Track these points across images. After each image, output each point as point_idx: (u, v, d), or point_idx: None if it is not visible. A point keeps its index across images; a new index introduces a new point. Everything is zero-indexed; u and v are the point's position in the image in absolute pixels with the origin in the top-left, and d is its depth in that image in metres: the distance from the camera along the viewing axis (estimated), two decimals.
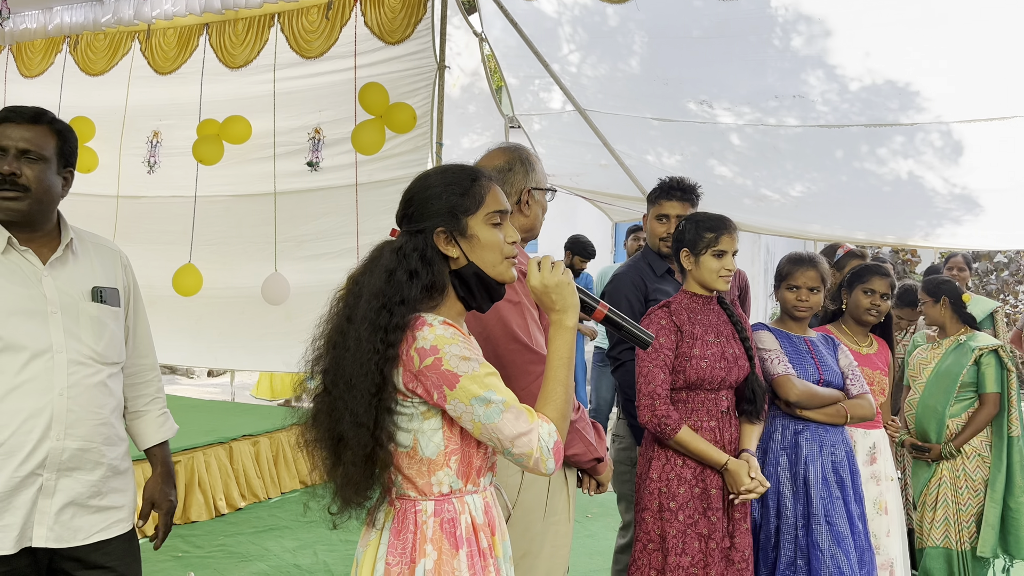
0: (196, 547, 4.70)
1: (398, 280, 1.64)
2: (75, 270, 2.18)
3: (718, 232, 2.78)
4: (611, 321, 1.82)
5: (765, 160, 5.19)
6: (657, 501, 2.74)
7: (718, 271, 2.78)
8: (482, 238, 1.70)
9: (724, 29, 4.19)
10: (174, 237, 5.77)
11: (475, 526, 1.69)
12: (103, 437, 2.18)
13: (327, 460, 1.68)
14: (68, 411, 2.09)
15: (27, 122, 2.09)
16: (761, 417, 2.84)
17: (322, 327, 1.73)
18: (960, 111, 4.27)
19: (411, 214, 1.72)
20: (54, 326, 2.09)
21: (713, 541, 2.70)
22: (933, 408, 3.97)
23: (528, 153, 2.49)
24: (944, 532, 3.90)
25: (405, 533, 1.65)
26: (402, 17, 4.92)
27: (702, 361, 2.74)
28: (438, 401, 1.60)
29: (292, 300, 5.42)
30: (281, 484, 5.82)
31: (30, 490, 2.05)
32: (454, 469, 1.66)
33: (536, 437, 1.59)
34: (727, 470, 2.69)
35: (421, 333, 1.60)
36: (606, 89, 5.15)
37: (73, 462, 2.11)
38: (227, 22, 5.49)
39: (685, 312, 2.82)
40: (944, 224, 5.17)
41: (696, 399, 2.77)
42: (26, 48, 6.12)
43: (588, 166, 6.26)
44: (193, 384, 10.90)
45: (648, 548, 2.73)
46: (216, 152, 5.38)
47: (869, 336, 3.57)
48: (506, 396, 1.61)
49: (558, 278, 1.70)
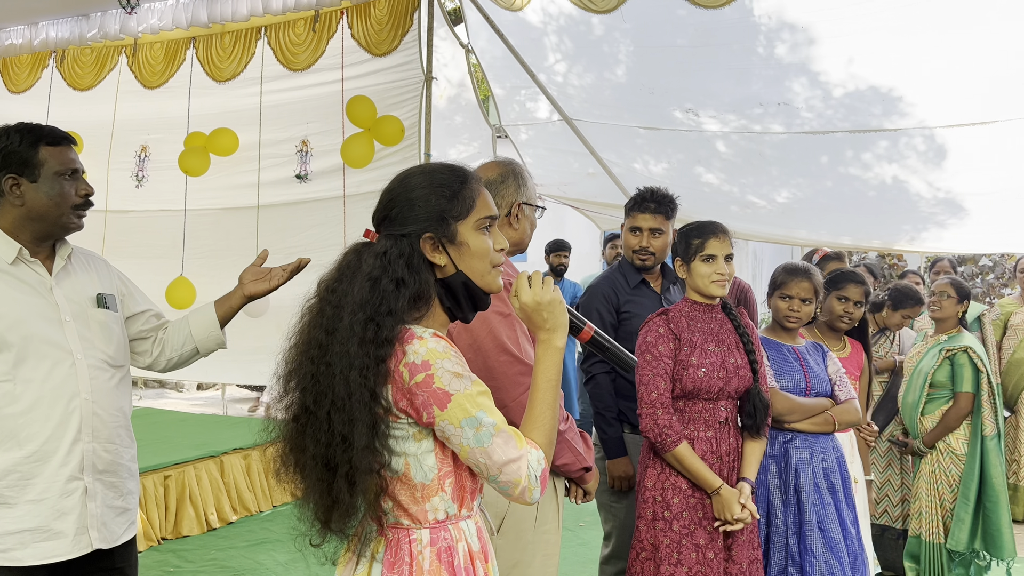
0: (188, 561, 4.67)
1: (384, 289, 1.49)
2: (77, 280, 2.28)
3: (704, 237, 2.75)
4: (596, 343, 1.74)
5: (751, 167, 5.23)
6: (651, 510, 2.70)
7: (709, 276, 2.73)
8: (472, 245, 1.57)
9: (709, 38, 4.23)
10: (163, 251, 5.77)
11: (471, 554, 1.58)
12: (121, 439, 2.28)
13: (308, 487, 1.53)
14: (94, 415, 2.18)
15: (73, 143, 2.25)
16: (762, 433, 2.76)
17: (293, 339, 1.58)
18: (943, 116, 4.31)
19: (393, 216, 1.57)
20: (70, 333, 2.18)
21: (711, 552, 2.65)
22: (909, 404, 4.16)
23: (521, 168, 2.50)
24: (919, 523, 4.09)
25: (400, 565, 1.52)
26: (388, 29, 4.94)
27: (699, 370, 2.68)
28: (428, 421, 1.47)
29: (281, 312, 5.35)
30: (273, 497, 5.79)
31: (75, 495, 2.14)
32: (449, 493, 1.54)
33: (526, 464, 1.48)
34: (719, 496, 2.63)
35: (411, 347, 1.47)
36: (592, 98, 5.18)
37: (103, 465, 2.21)
38: (214, 36, 5.50)
39: (684, 320, 2.77)
40: (929, 228, 5.22)
41: (693, 408, 2.72)
42: (12, 63, 6.11)
43: (576, 175, 6.28)
44: (183, 398, 10.85)
45: (641, 556, 2.71)
46: (202, 164, 5.37)
47: (843, 339, 3.60)
48: (496, 419, 1.49)
49: (550, 296, 1.58)
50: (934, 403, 4.10)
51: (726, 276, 2.74)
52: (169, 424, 6.44)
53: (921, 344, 4.31)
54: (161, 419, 6.70)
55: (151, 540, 4.85)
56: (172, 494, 5.05)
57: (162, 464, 5.06)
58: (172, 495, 5.05)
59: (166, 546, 4.89)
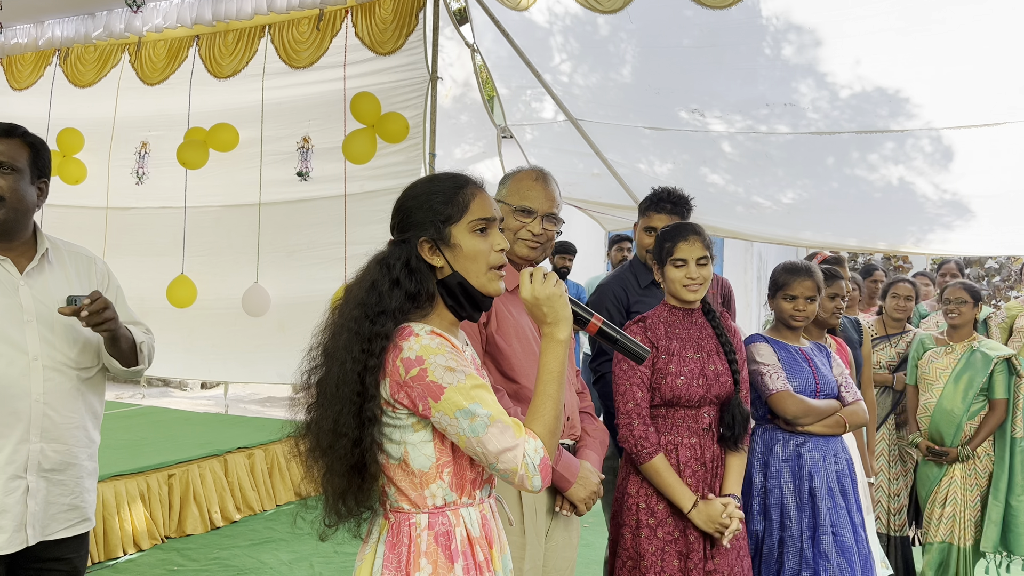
0: (191, 560, 4.67)
1: (379, 290, 1.63)
2: (51, 279, 2.25)
3: (674, 240, 2.68)
4: (605, 335, 1.77)
5: (757, 168, 5.20)
6: (635, 517, 2.66)
7: (680, 280, 2.67)
8: (465, 247, 1.67)
9: (715, 39, 4.21)
10: (163, 248, 5.77)
11: (471, 539, 1.66)
12: (77, 440, 2.27)
13: (318, 471, 1.67)
14: (44, 416, 2.17)
15: (2, 136, 2.17)
16: (741, 445, 2.70)
17: (318, 337, 1.71)
18: (950, 117, 4.29)
19: (399, 224, 1.72)
20: (30, 334, 2.17)
21: (691, 561, 2.59)
22: (950, 412, 4.13)
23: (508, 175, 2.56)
24: (950, 528, 4.08)
25: (400, 547, 1.63)
26: (393, 28, 4.93)
27: (678, 378, 2.63)
28: (423, 412, 1.58)
29: (284, 311, 5.40)
30: (276, 496, 5.79)
31: (16, 493, 2.14)
32: (447, 481, 1.64)
33: (521, 453, 1.56)
34: (697, 510, 2.56)
35: (407, 343, 1.59)
36: (598, 98, 5.16)
37: (50, 464, 2.21)
38: (218, 34, 5.50)
39: (662, 326, 2.72)
40: (935, 230, 5.19)
41: (676, 416, 2.67)
42: (16, 61, 6.12)
43: (580, 175, 6.26)
44: (186, 396, 10.86)
45: (627, 565, 2.67)
46: (200, 157, 5.36)
47: (826, 337, 3.56)
48: (492, 410, 1.57)
49: (550, 290, 1.66)
50: (972, 408, 4.12)
51: (697, 280, 2.67)
52: (173, 423, 6.45)
53: (943, 351, 4.26)
54: (165, 418, 6.71)
55: (155, 539, 4.85)
56: (176, 493, 5.05)
57: (166, 463, 5.06)
58: (176, 494, 5.04)
59: (170, 544, 4.89)
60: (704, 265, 2.68)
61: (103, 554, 4.56)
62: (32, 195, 2.23)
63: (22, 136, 2.22)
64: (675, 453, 2.66)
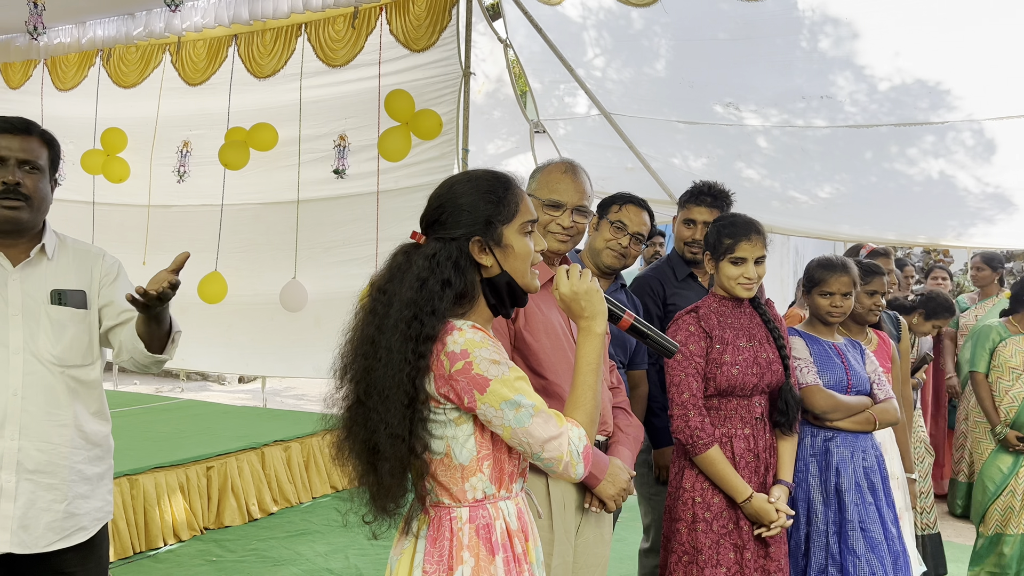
0: (229, 551, 4.75)
1: (431, 289, 1.61)
2: (45, 273, 2.20)
3: (736, 238, 2.66)
4: (636, 330, 1.81)
5: (793, 162, 5.15)
6: (691, 511, 2.65)
7: (736, 279, 2.66)
8: (516, 247, 1.70)
9: (750, 31, 4.17)
10: (204, 245, 5.85)
11: (510, 532, 1.68)
12: (64, 439, 2.15)
13: (360, 469, 1.67)
14: (23, 411, 2.09)
15: (22, 133, 2.14)
16: (794, 429, 2.71)
17: (348, 335, 1.71)
18: (992, 108, 4.21)
19: (443, 220, 1.69)
20: (13, 328, 2.12)
21: (748, 551, 2.60)
22: None
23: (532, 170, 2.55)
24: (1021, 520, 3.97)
25: (441, 540, 1.65)
26: (427, 25, 4.96)
27: (733, 368, 2.62)
28: (469, 405, 1.59)
29: (319, 306, 5.46)
30: (312, 489, 5.86)
31: None
32: (487, 474, 1.66)
33: (566, 441, 1.60)
34: (749, 503, 2.58)
35: (451, 337, 1.59)
36: (631, 93, 5.14)
37: (34, 465, 2.11)
38: (255, 33, 5.57)
39: (714, 316, 2.71)
40: (977, 223, 5.10)
41: (729, 406, 2.67)
42: (60, 62, 6.25)
43: (614, 170, 6.24)
44: (224, 390, 11.02)
45: (683, 560, 2.66)
46: (242, 157, 5.44)
47: (867, 332, 3.51)
48: (535, 401, 1.60)
49: (586, 285, 1.71)
50: None
51: (754, 280, 2.66)
52: (212, 416, 6.55)
53: (1019, 339, 4.10)
54: (204, 411, 6.81)
55: (194, 530, 4.94)
56: (215, 485, 5.13)
57: (205, 455, 5.15)
58: (215, 486, 5.13)
59: (208, 536, 4.98)
60: (760, 265, 2.68)
61: (144, 544, 4.65)
62: (50, 193, 2.21)
63: (40, 134, 2.19)
64: (730, 445, 2.65)
